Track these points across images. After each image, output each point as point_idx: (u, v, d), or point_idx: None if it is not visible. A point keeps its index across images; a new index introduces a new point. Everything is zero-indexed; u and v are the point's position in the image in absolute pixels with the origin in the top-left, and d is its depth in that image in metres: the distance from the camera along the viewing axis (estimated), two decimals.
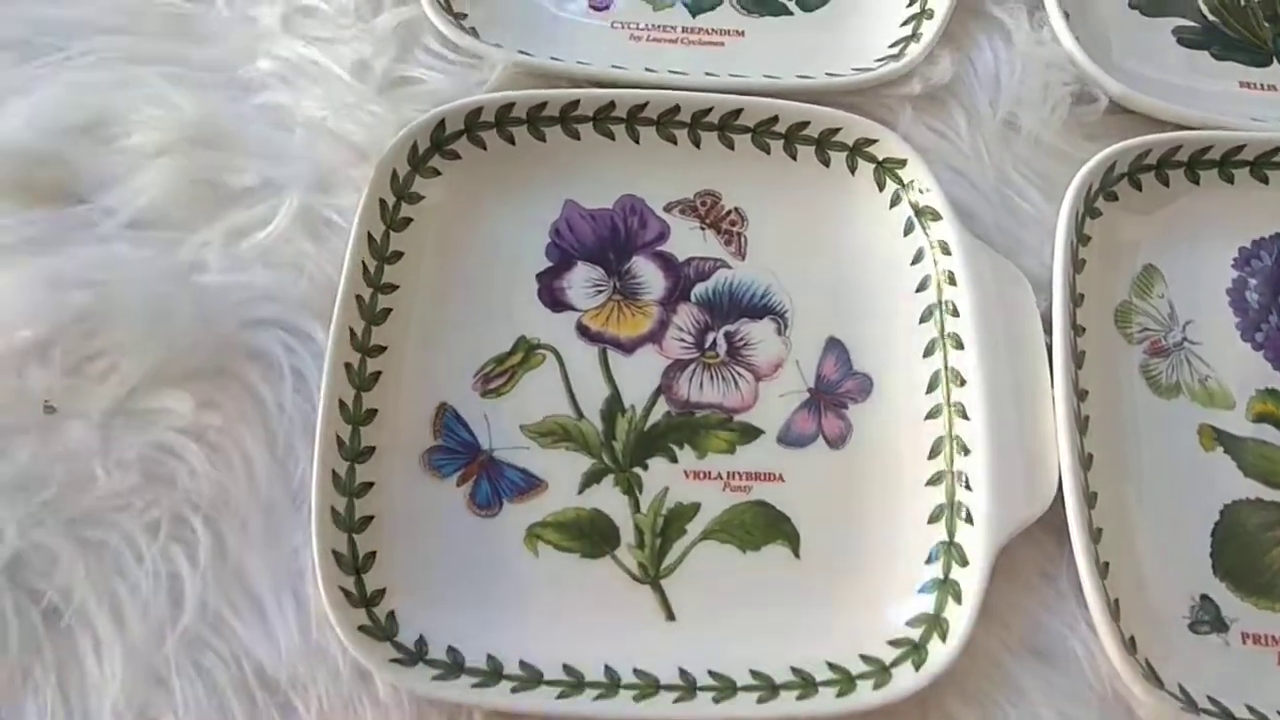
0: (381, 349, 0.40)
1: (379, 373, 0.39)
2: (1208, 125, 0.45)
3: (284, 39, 0.46)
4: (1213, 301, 0.44)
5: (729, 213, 0.45)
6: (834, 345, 0.42)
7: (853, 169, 0.44)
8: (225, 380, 0.39)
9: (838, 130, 0.44)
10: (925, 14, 0.47)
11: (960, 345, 0.40)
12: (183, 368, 0.39)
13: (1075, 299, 0.41)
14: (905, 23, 0.48)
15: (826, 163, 0.44)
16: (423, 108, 0.44)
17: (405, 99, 0.44)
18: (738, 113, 0.44)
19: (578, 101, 0.44)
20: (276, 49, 0.45)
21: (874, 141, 0.44)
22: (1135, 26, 0.49)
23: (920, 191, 0.43)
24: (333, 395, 0.38)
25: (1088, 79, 0.45)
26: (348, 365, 0.39)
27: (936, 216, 0.42)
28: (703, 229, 0.44)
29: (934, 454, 0.40)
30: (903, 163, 0.43)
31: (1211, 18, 0.49)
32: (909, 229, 0.43)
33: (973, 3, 0.47)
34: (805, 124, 0.44)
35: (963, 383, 0.40)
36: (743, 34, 0.48)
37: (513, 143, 0.44)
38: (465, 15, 0.47)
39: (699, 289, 0.43)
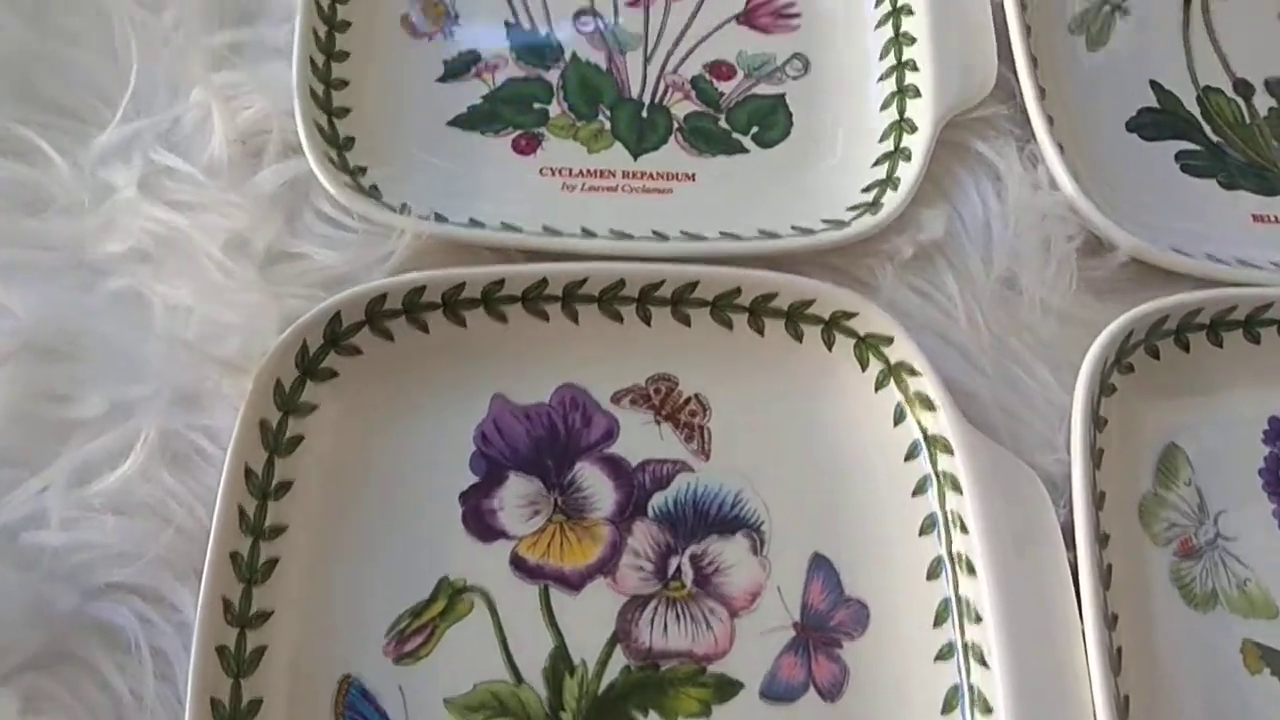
0: (265, 616, 0.32)
1: (263, 648, 0.31)
2: (1228, 280, 0.39)
3: (144, 207, 0.37)
4: (1245, 485, 0.38)
5: (688, 401, 0.38)
6: (820, 565, 0.36)
7: (829, 344, 0.38)
8: (66, 668, 0.31)
9: (810, 302, 0.37)
10: (901, 154, 0.40)
11: (971, 570, 0.34)
12: (10, 657, 0.31)
13: (1097, 502, 0.36)
14: (878, 162, 0.41)
15: (799, 337, 0.38)
16: (313, 292, 0.36)
17: (291, 281, 0.37)
18: (694, 285, 0.37)
19: (503, 281, 0.37)
20: (134, 221, 0.37)
21: (853, 315, 0.37)
22: (1135, 153, 0.43)
23: (910, 374, 0.37)
24: (202, 693, 0.30)
25: (1093, 229, 0.39)
26: (221, 648, 0.31)
27: (931, 406, 0.36)
28: (658, 422, 0.37)
29: (949, 708, 0.33)
30: (888, 340, 0.37)
31: (1215, 139, 0.44)
32: (900, 417, 0.37)
33: (955, 138, 0.41)
34: (773, 295, 0.37)
35: (978, 619, 0.33)
36: (693, 178, 0.42)
37: (426, 330, 0.36)
38: (364, 170, 0.39)
39: (657, 500, 0.36)
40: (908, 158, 0.40)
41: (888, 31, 0.43)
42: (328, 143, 0.39)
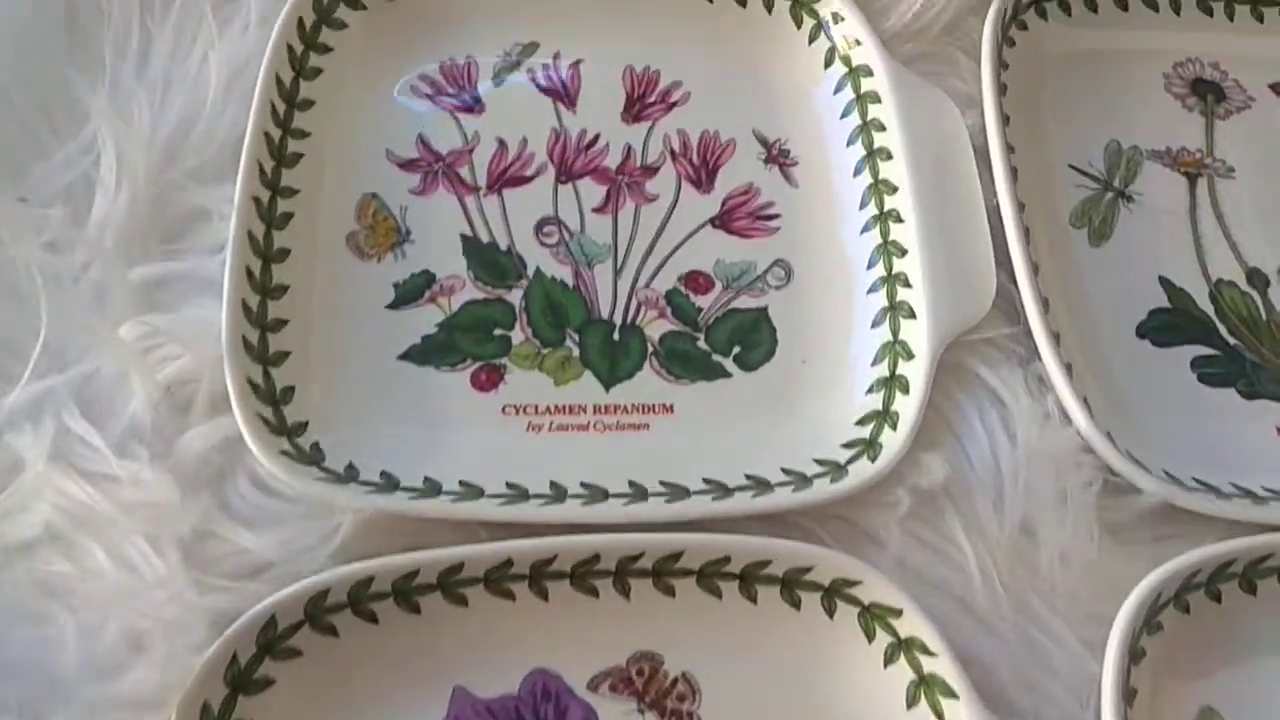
0: None
1: None
2: (1259, 520, 0.36)
3: (55, 480, 0.33)
4: None
5: (674, 683, 0.33)
6: None
7: (830, 612, 0.34)
8: None
9: (808, 569, 0.34)
10: (897, 382, 0.37)
11: None
12: None
13: None
14: (872, 389, 0.38)
15: (796, 605, 0.34)
16: (245, 586, 0.32)
17: (220, 568, 0.32)
18: (678, 555, 0.34)
19: (463, 564, 0.33)
20: (43, 500, 0.33)
21: (856, 583, 0.34)
22: (1148, 363, 0.39)
23: (924, 652, 0.33)
24: None
25: (1112, 471, 0.36)
26: None
27: (949, 692, 0.32)
28: (642, 711, 0.33)
29: None
30: (897, 612, 0.33)
31: (1232, 340, 0.41)
32: (913, 699, 0.33)
33: (954, 358, 0.38)
34: (766, 562, 0.34)
35: None
36: (671, 409, 0.38)
37: (375, 621, 0.32)
38: (304, 425, 0.35)
39: None
40: (905, 389, 0.37)
41: (875, 238, 0.40)
42: (263, 401, 0.34)
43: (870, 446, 0.36)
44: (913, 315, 0.38)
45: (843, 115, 0.43)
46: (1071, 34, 0.45)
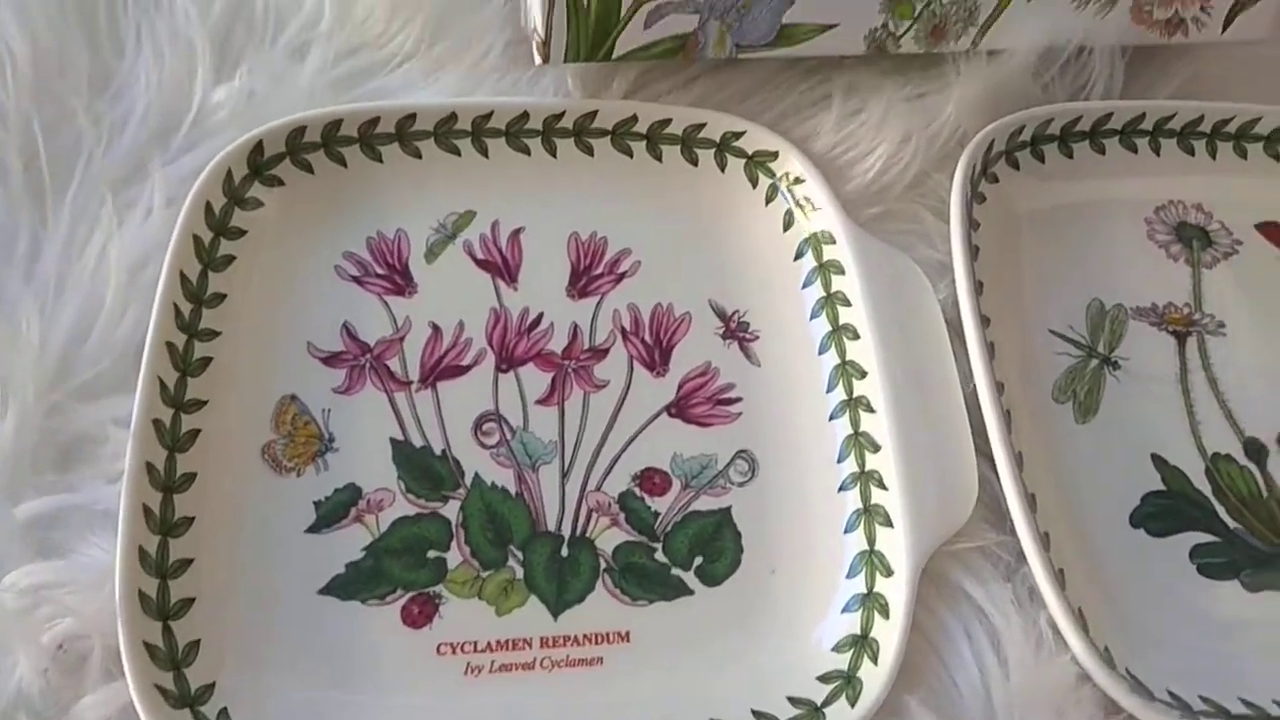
0: None
1: None
2: None
3: None
4: None
5: None
6: None
7: None
8: None
9: None
10: (875, 602, 0.33)
11: None
12: None
13: None
14: (847, 609, 0.34)
15: None
16: None
17: None
18: None
19: None
20: None
21: None
22: (1145, 556, 0.36)
23: None
24: None
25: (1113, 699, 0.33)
26: None
27: None
28: None
29: None
30: None
31: (1233, 524, 0.38)
32: None
33: (934, 566, 0.34)
34: None
35: None
36: (626, 637, 0.34)
37: None
38: (210, 689, 0.30)
39: None
40: (885, 612, 0.33)
41: (845, 427, 0.37)
42: (161, 665, 0.30)
43: (849, 684, 0.32)
44: (889, 523, 0.34)
45: (804, 285, 0.40)
46: (1045, 186, 0.42)
